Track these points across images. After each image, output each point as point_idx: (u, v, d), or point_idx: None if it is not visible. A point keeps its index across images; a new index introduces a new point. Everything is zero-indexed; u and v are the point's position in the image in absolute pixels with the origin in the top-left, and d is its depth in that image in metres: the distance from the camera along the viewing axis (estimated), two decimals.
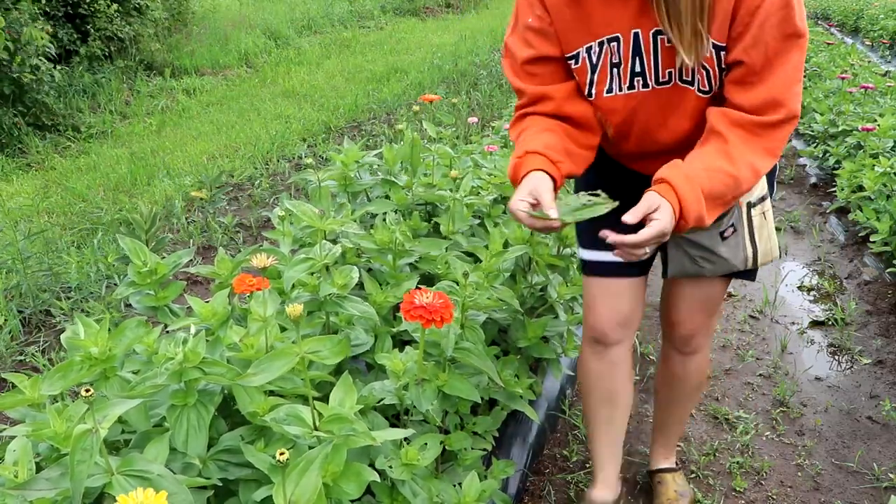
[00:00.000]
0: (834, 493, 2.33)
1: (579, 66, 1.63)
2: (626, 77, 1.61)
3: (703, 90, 1.57)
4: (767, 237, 1.83)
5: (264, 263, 1.42)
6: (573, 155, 1.65)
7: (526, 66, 1.67)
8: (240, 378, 1.30)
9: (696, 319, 1.98)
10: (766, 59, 1.46)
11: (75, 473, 1.08)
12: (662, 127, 1.66)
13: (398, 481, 1.54)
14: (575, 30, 1.60)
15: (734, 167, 1.49)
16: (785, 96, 1.48)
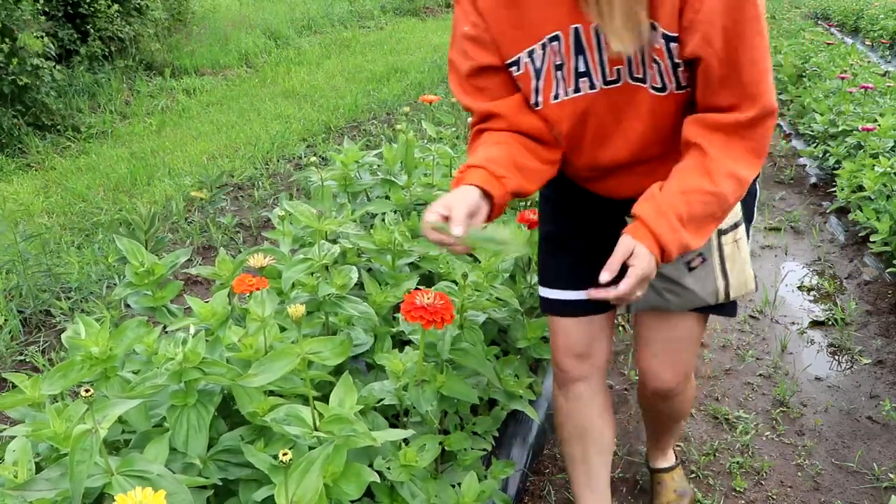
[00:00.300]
0: (834, 493, 2.33)
1: (522, 72, 1.48)
2: (571, 79, 1.45)
3: (655, 87, 1.41)
4: (741, 268, 1.66)
5: (261, 263, 1.42)
6: (525, 170, 1.49)
7: (470, 79, 1.52)
8: (240, 378, 1.31)
9: (671, 369, 1.79)
10: (727, 49, 1.31)
11: (75, 474, 1.08)
12: (616, 132, 1.50)
13: (397, 482, 1.54)
14: (513, 34, 1.45)
15: (713, 183, 1.37)
16: (757, 89, 1.36)
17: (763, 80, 1.35)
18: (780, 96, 7.28)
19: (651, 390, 1.85)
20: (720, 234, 1.60)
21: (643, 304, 1.68)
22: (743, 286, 1.68)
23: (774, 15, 14.20)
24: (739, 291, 1.67)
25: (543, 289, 1.82)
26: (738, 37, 1.30)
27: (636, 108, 1.45)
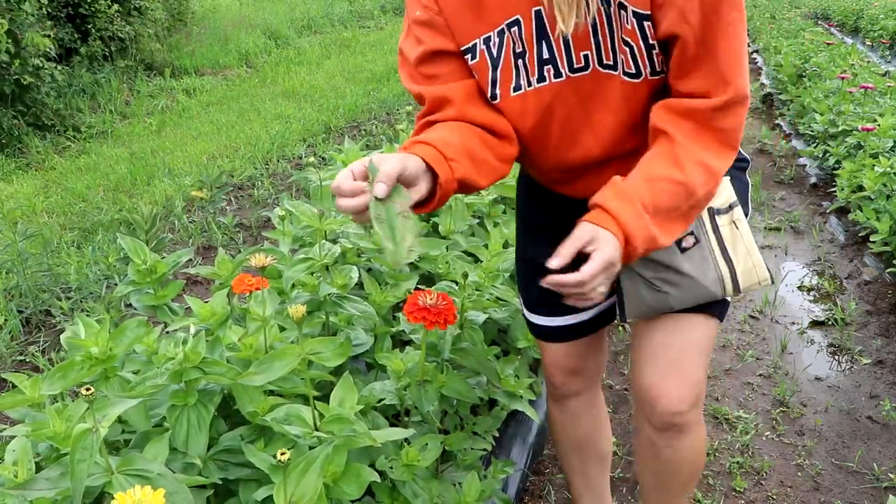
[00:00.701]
0: (834, 493, 2.33)
1: (478, 61, 1.34)
2: (534, 67, 1.32)
3: (628, 72, 1.28)
4: (746, 253, 1.46)
5: (263, 263, 1.42)
6: (478, 162, 1.30)
7: (421, 67, 1.37)
8: (241, 377, 1.31)
9: (679, 384, 1.49)
10: (703, 26, 1.20)
11: (75, 473, 1.08)
12: (585, 127, 1.36)
13: (399, 482, 1.54)
14: (468, 17, 1.32)
15: (682, 172, 1.24)
16: (730, 73, 1.24)
17: (737, 63, 1.25)
18: (780, 96, 7.29)
19: (658, 418, 1.52)
20: (715, 214, 1.44)
21: (638, 306, 1.47)
22: (752, 273, 1.46)
23: (774, 15, 14.19)
24: (750, 280, 1.46)
25: (528, 312, 1.71)
26: (715, 13, 1.20)
27: (607, 99, 1.32)
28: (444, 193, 1.23)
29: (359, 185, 1.10)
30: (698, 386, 1.52)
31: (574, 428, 1.83)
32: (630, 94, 1.30)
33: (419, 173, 1.17)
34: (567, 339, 1.66)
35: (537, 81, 1.33)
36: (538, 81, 1.33)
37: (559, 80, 1.31)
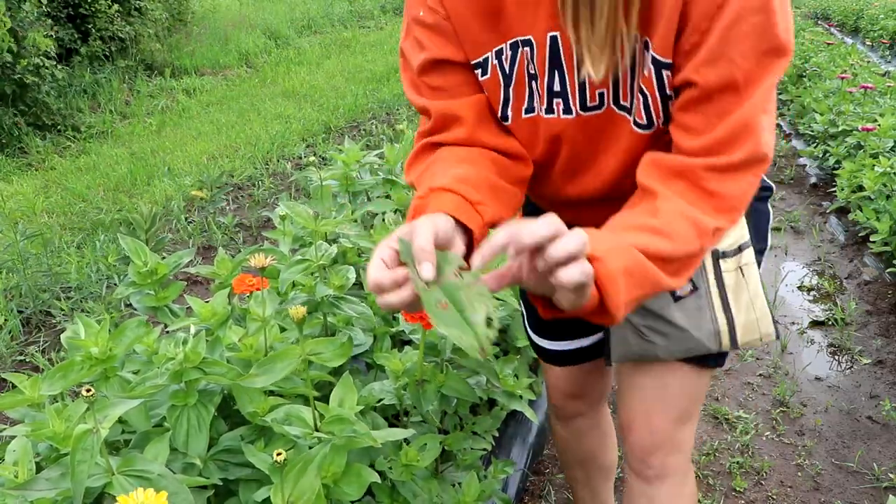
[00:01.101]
0: (834, 493, 2.33)
1: (489, 77, 1.18)
2: (544, 96, 1.16)
3: (639, 124, 1.11)
4: (750, 304, 1.28)
5: (262, 263, 1.42)
6: (500, 192, 1.14)
7: (424, 76, 1.19)
8: (241, 379, 1.31)
9: (656, 423, 1.39)
10: (728, 81, 1.01)
11: (76, 473, 1.08)
12: (589, 165, 1.22)
13: (398, 482, 1.54)
14: (479, 26, 1.15)
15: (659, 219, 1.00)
16: (750, 129, 1.02)
17: (759, 116, 1.03)
18: (780, 96, 7.29)
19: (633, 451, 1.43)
20: (720, 257, 1.27)
21: (623, 351, 1.34)
22: (754, 329, 1.29)
23: None
24: (751, 335, 1.29)
25: (531, 333, 1.64)
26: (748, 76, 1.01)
27: (614, 143, 1.17)
28: (473, 244, 1.05)
29: (399, 273, 0.91)
30: (681, 431, 1.41)
31: (578, 444, 1.80)
32: (638, 145, 1.14)
33: (451, 232, 0.99)
34: (569, 364, 1.61)
35: (545, 112, 1.17)
36: (546, 112, 1.17)
37: (568, 116, 1.16)
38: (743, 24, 0.99)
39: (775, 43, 1.01)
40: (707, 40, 1.01)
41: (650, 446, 1.41)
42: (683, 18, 1.01)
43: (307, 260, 1.77)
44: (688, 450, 1.46)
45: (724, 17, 0.99)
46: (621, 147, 1.16)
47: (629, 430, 1.43)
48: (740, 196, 1.05)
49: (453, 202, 1.04)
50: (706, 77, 1.02)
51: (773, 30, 1.00)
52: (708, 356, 1.32)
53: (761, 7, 0.98)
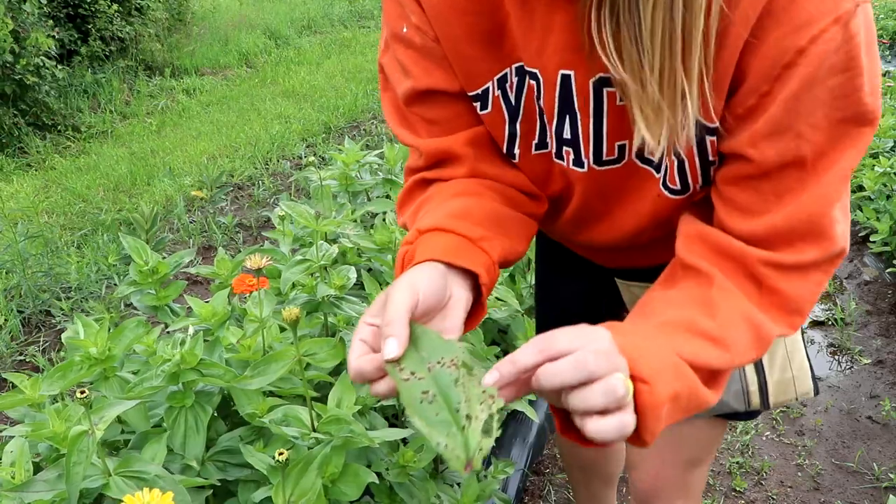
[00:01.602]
0: (834, 493, 2.33)
1: (490, 111, 0.96)
2: (553, 141, 0.95)
3: (671, 188, 0.91)
4: (786, 361, 1.14)
5: (259, 264, 1.42)
6: (509, 224, 0.96)
7: (411, 107, 0.98)
8: (237, 381, 1.31)
9: (663, 468, 1.30)
10: (793, 159, 0.80)
11: (71, 475, 1.08)
12: (601, 219, 1.04)
13: (395, 483, 1.54)
14: (478, 51, 0.92)
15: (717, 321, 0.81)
16: (821, 223, 0.82)
17: (834, 203, 0.82)
18: None
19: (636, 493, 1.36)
20: None
21: None
22: (789, 388, 1.14)
23: None
24: (785, 394, 1.15)
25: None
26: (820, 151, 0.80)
27: (634, 202, 0.97)
28: (489, 289, 0.89)
29: (377, 358, 0.76)
30: (687, 474, 1.30)
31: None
32: (664, 207, 0.95)
33: (440, 289, 0.82)
34: None
35: (555, 157, 0.98)
36: (556, 157, 0.98)
37: (579, 169, 0.96)
38: (817, 88, 0.76)
39: (859, 110, 0.78)
40: (768, 107, 0.79)
41: (654, 490, 1.32)
42: (739, 72, 0.79)
43: (308, 260, 1.77)
44: (697, 493, 1.36)
45: (791, 80, 0.76)
46: (643, 209, 0.96)
47: (634, 469, 1.35)
48: (808, 297, 0.85)
49: (446, 244, 0.86)
50: (764, 153, 0.81)
51: (857, 94, 0.77)
52: (736, 413, 1.19)
53: (845, 66, 0.75)
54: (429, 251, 0.85)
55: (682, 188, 0.91)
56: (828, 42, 0.73)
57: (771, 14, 0.74)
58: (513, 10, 0.87)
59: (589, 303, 1.32)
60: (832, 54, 0.74)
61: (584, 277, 1.25)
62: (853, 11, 0.73)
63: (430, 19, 0.92)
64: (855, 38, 0.74)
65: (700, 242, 0.88)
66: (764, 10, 0.74)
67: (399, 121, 1.02)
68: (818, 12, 0.73)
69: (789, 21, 0.74)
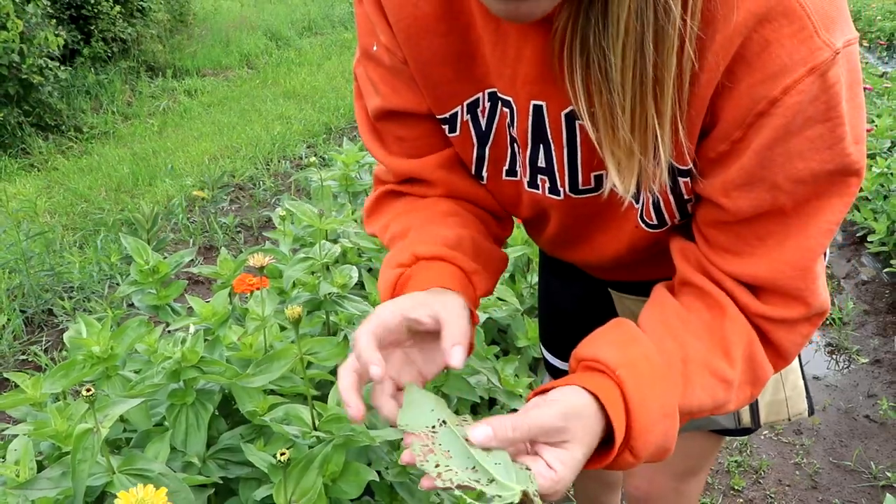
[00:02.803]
0: (832, 492, 2.34)
1: (458, 135, 0.94)
2: (526, 168, 0.92)
3: (648, 223, 0.90)
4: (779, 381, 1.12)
5: (262, 263, 1.44)
6: (487, 258, 0.96)
7: (380, 123, 0.98)
8: (239, 379, 1.32)
9: (656, 478, 1.28)
10: (770, 209, 0.77)
11: (77, 472, 1.09)
12: (582, 243, 1.02)
13: (396, 482, 1.55)
14: (449, 74, 0.90)
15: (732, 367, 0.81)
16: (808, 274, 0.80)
17: (814, 262, 0.80)
18: None
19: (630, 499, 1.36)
20: None
21: None
22: (781, 409, 1.12)
23: None
24: (776, 414, 1.13)
25: (544, 349, 1.52)
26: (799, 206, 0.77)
27: (613, 230, 0.95)
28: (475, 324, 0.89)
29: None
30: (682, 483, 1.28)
31: None
32: (643, 237, 0.93)
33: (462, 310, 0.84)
34: None
35: (528, 186, 0.95)
36: (529, 186, 0.95)
37: (555, 197, 0.93)
38: (794, 140, 0.72)
39: (842, 161, 0.73)
40: (740, 156, 0.76)
41: (648, 498, 1.31)
42: (712, 116, 0.76)
43: (311, 258, 1.79)
44: (693, 502, 1.34)
45: (764, 129, 0.72)
46: (622, 237, 0.95)
47: (630, 476, 1.34)
48: (795, 349, 0.85)
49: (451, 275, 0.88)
50: (737, 203, 0.78)
51: (839, 145, 0.72)
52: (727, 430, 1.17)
53: (824, 116, 0.71)
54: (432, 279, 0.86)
55: (658, 223, 0.89)
56: (802, 93, 0.69)
57: (744, 60, 0.71)
58: (486, 35, 0.85)
59: (585, 307, 1.31)
60: (808, 105, 0.70)
61: (580, 282, 1.25)
62: (831, 60, 0.69)
63: (400, 40, 0.89)
64: (834, 88, 0.70)
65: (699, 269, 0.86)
66: (737, 55, 0.71)
67: (370, 132, 1.00)
68: (792, 61, 0.69)
69: (762, 69, 0.70)
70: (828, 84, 0.69)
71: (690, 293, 0.87)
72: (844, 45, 0.70)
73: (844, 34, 0.70)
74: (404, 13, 0.87)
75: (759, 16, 0.68)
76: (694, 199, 0.85)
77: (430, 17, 0.86)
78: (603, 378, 0.75)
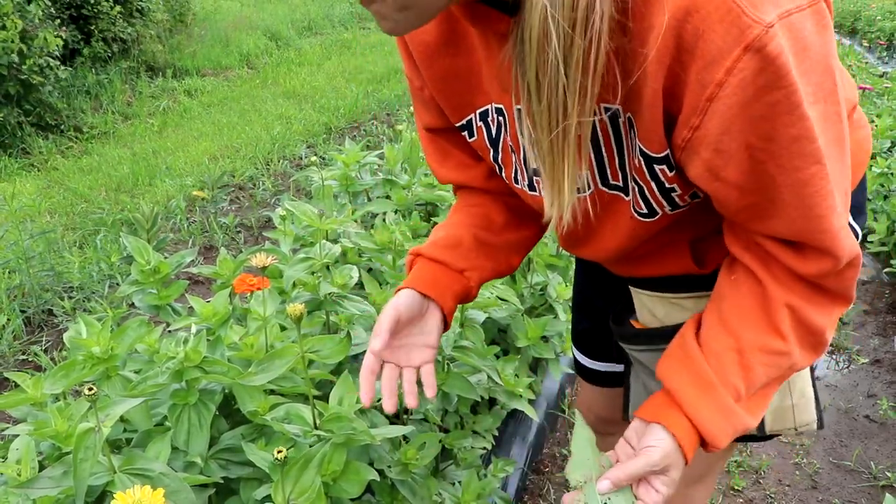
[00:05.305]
0: (831, 492, 2.34)
1: (476, 139, 1.08)
2: (524, 172, 1.04)
3: (639, 211, 0.96)
4: (786, 388, 1.10)
5: (264, 263, 1.44)
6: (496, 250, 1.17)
7: (429, 134, 1.19)
8: (241, 377, 1.32)
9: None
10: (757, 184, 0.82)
11: (78, 471, 1.09)
12: (589, 241, 1.10)
13: (397, 480, 1.55)
14: (460, 87, 1.04)
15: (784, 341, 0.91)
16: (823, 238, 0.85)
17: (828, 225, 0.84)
18: None
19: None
20: None
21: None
22: (787, 415, 1.11)
23: None
24: (782, 423, 1.12)
25: (574, 348, 1.59)
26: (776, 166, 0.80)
27: (611, 225, 1.02)
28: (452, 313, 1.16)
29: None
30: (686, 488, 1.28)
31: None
32: (641, 227, 0.99)
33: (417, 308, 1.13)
34: (606, 385, 1.55)
35: (529, 189, 1.06)
36: (529, 189, 1.06)
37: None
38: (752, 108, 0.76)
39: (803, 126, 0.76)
40: (703, 139, 0.80)
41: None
42: (673, 105, 0.81)
43: (311, 258, 1.79)
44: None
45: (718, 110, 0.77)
46: (621, 230, 1.01)
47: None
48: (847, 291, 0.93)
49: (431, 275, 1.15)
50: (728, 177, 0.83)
51: (797, 110, 0.75)
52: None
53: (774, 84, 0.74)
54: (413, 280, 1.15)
55: (648, 212, 0.95)
56: (743, 70, 0.73)
57: (685, 49, 0.75)
58: (483, 52, 0.96)
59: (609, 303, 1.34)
60: (754, 80, 0.73)
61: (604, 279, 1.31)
62: (764, 34, 0.71)
63: (418, 63, 1.06)
64: (777, 60, 0.72)
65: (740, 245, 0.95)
66: (678, 46, 0.75)
67: (424, 144, 1.21)
68: (726, 44, 0.73)
69: (702, 56, 0.74)
70: (769, 57, 0.72)
71: (741, 271, 0.95)
72: (781, 17, 0.72)
73: (779, 6, 0.72)
74: (416, 41, 1.04)
75: (685, 9, 0.73)
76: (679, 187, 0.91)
77: (438, 42, 1.01)
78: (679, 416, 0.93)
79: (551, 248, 2.44)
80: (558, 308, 2.42)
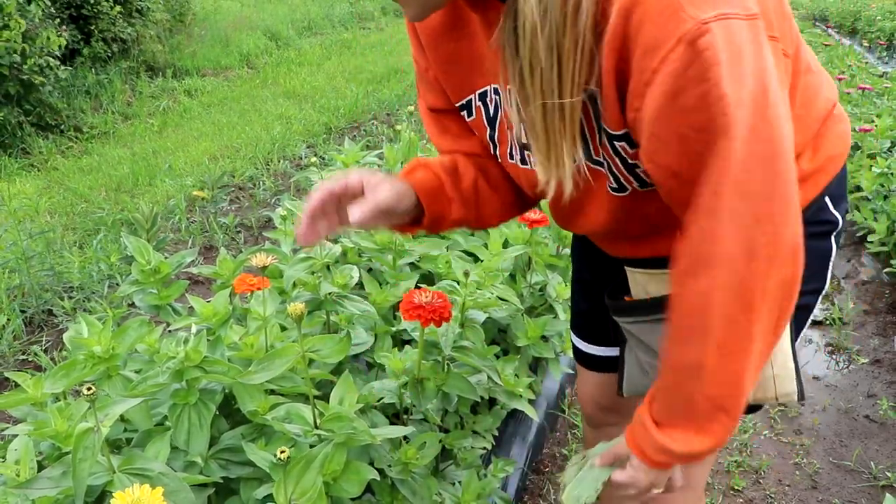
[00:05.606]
0: (831, 492, 2.34)
1: (474, 118, 1.16)
2: (517, 148, 1.12)
3: (612, 187, 1.04)
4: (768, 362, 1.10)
5: (264, 263, 1.44)
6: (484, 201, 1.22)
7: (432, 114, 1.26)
8: (241, 376, 1.32)
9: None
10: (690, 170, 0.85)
11: (77, 471, 1.09)
12: (579, 214, 1.16)
13: (397, 480, 1.55)
14: (462, 69, 1.12)
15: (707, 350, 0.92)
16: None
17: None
18: None
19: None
20: None
21: (631, 386, 1.33)
22: (768, 385, 1.12)
23: None
24: (763, 392, 1.12)
25: (573, 334, 1.61)
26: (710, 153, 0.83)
27: (596, 198, 1.09)
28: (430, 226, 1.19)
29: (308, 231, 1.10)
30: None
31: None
32: (618, 202, 1.07)
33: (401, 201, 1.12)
34: (605, 370, 1.55)
35: (521, 163, 1.14)
36: (521, 163, 1.14)
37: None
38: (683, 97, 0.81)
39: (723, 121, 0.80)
40: (643, 120, 0.86)
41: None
42: (622, 87, 0.88)
43: (311, 257, 1.79)
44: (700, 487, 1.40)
45: (653, 95, 0.83)
46: (603, 204, 1.09)
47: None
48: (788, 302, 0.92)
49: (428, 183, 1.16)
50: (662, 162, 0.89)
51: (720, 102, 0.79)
52: None
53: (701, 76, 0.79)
54: (417, 180, 1.15)
55: (618, 186, 1.03)
56: (676, 61, 0.79)
57: (629, 37, 0.82)
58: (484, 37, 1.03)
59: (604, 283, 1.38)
60: (685, 70, 0.79)
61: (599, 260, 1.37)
62: (696, 30, 0.78)
63: (424, 47, 1.16)
64: (705, 53, 0.78)
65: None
66: (624, 34, 0.83)
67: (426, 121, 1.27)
68: (662, 35, 0.79)
69: (642, 44, 0.81)
70: (698, 50, 0.78)
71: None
72: (718, 18, 0.78)
73: (718, 8, 0.79)
74: (424, 25, 1.13)
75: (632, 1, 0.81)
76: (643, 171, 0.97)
77: (443, 27, 1.10)
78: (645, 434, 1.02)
79: (551, 248, 2.44)
80: (558, 308, 2.42)
